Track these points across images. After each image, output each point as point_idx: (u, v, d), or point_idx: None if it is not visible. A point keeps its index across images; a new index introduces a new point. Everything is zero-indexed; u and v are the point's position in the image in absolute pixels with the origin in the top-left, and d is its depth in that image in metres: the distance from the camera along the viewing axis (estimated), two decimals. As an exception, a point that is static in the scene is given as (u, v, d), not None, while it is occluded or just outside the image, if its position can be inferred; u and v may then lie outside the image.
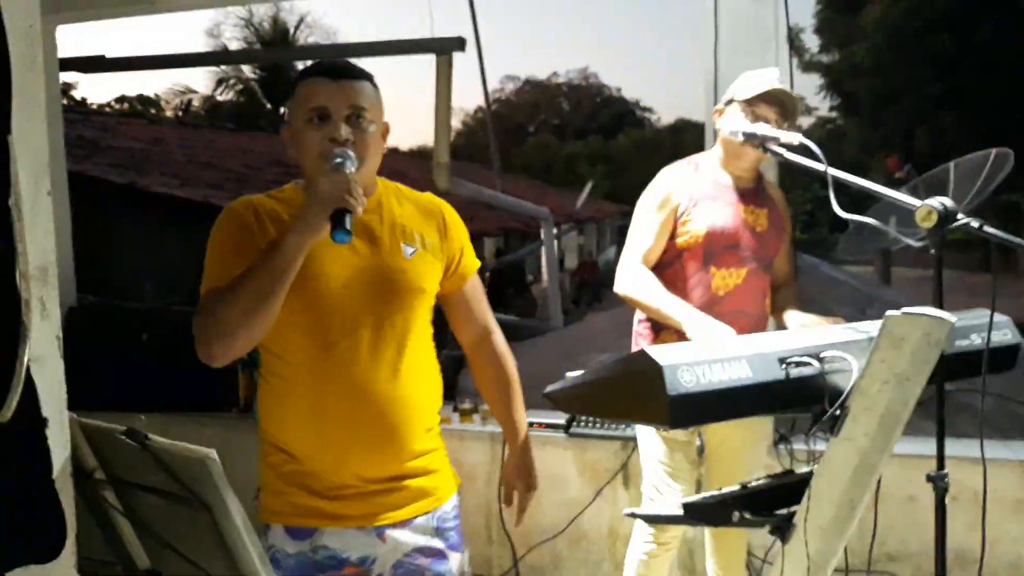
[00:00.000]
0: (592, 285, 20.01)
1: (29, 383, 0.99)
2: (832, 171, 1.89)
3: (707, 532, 2.54)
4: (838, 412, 1.54)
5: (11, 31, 1.03)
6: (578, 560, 2.96)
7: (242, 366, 3.38)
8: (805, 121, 30.89)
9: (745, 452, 2.43)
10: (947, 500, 1.65)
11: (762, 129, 2.15)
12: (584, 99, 43.85)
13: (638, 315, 2.44)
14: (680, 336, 2.15)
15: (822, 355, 1.56)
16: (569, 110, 44.15)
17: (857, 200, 1.92)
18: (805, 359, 1.56)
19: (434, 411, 1.68)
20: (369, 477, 1.57)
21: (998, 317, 1.73)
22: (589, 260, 21.88)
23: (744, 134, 2.18)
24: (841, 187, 1.90)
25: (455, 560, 1.68)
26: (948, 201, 1.67)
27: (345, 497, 1.56)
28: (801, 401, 1.59)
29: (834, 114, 26.31)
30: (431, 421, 1.66)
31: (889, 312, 1.53)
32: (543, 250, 14.75)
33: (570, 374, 2.28)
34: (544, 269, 14.53)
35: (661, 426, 1.51)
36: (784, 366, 1.55)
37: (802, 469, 1.85)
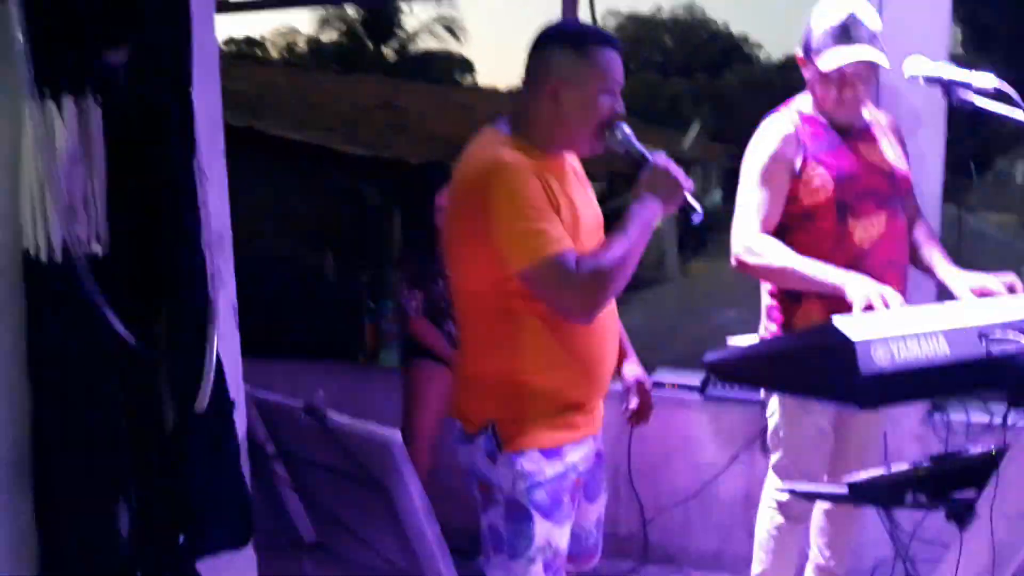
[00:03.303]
0: (697, 231, 19.49)
1: (217, 364, 0.96)
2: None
3: (818, 505, 2.36)
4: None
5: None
6: (709, 525, 2.88)
7: (369, 316, 3.40)
8: (930, 56, 28.75)
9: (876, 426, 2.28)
10: None
11: (948, 72, 1.93)
12: (689, 35, 42.15)
13: (765, 289, 2.25)
14: (826, 306, 1.98)
15: (1029, 330, 1.41)
16: (673, 46, 42.56)
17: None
18: (1010, 334, 1.40)
19: None
20: (601, 395, 1.81)
21: None
22: (696, 205, 21.18)
23: (925, 79, 1.96)
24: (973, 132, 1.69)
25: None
26: None
27: (587, 412, 1.76)
28: (1001, 381, 1.44)
29: (961, 50, 24.52)
30: None
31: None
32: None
33: (733, 341, 2.15)
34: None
35: (850, 406, 1.40)
36: (985, 341, 1.40)
37: (977, 449, 1.70)
